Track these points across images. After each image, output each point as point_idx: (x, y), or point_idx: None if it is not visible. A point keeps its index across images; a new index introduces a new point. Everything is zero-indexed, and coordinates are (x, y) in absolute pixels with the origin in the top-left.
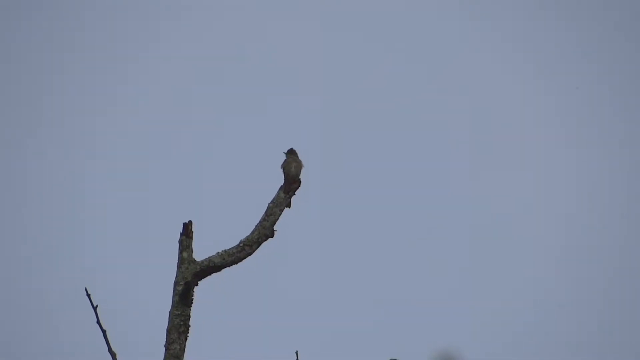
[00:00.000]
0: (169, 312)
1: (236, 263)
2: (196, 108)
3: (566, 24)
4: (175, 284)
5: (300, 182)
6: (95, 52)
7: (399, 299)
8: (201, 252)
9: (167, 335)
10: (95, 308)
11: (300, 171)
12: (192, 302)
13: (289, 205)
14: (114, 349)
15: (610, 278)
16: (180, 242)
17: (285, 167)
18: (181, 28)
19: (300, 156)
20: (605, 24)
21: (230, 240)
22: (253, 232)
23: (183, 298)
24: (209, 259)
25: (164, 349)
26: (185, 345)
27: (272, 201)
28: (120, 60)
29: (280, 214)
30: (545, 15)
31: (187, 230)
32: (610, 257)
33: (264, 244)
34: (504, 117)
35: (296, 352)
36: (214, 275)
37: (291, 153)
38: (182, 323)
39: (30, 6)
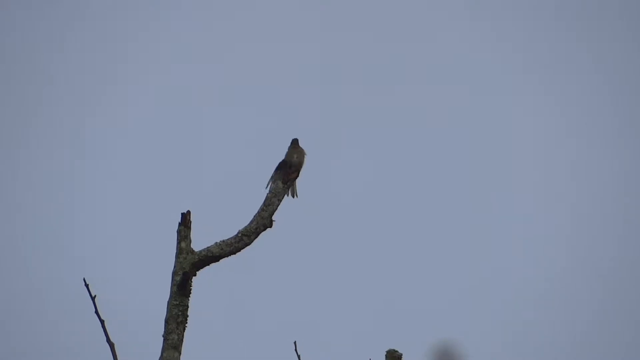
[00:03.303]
0: (167, 302)
1: (234, 253)
2: (193, 97)
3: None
4: (174, 274)
5: (299, 172)
6: (89, 45)
7: (399, 290)
8: (199, 242)
9: (165, 325)
10: (93, 298)
11: (303, 160)
12: (190, 293)
13: (295, 195)
14: (112, 339)
15: (610, 280)
16: (179, 232)
17: (288, 156)
18: (173, 24)
19: (302, 146)
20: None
21: (229, 231)
22: (251, 222)
23: (181, 288)
24: (207, 249)
25: (162, 339)
26: (183, 336)
27: (270, 191)
28: (115, 53)
29: (279, 204)
30: (544, 20)
31: (185, 221)
32: (610, 259)
33: (262, 234)
34: (503, 121)
35: (294, 342)
36: (212, 265)
37: (294, 143)
38: (180, 313)
39: (25, 5)
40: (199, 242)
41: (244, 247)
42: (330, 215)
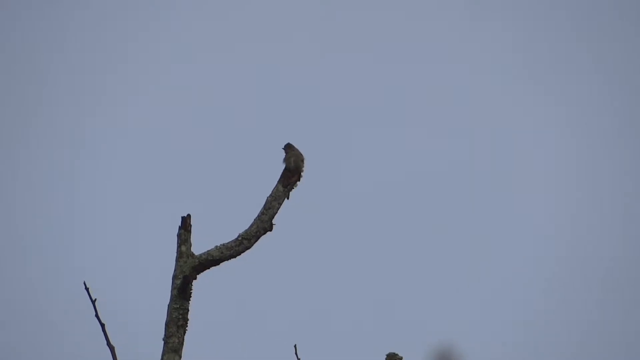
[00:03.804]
0: (168, 305)
1: (234, 257)
2: (193, 97)
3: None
4: (174, 277)
5: (300, 175)
6: (89, 45)
7: (400, 293)
8: (200, 245)
9: (165, 329)
10: (93, 302)
11: (301, 164)
12: (190, 296)
13: (287, 197)
14: (112, 342)
15: (610, 280)
16: (179, 235)
17: (286, 161)
18: (173, 24)
19: (300, 149)
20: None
21: (229, 234)
22: (251, 225)
23: (181, 292)
24: (208, 253)
25: (162, 342)
26: (183, 339)
27: (270, 195)
28: (115, 53)
29: (279, 208)
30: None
31: (185, 224)
32: (610, 258)
33: (263, 237)
34: (503, 121)
35: (294, 346)
36: (213, 268)
37: (289, 147)
38: (180, 317)
39: (25, 5)
40: (199, 245)
41: (244, 251)
42: (331, 218)
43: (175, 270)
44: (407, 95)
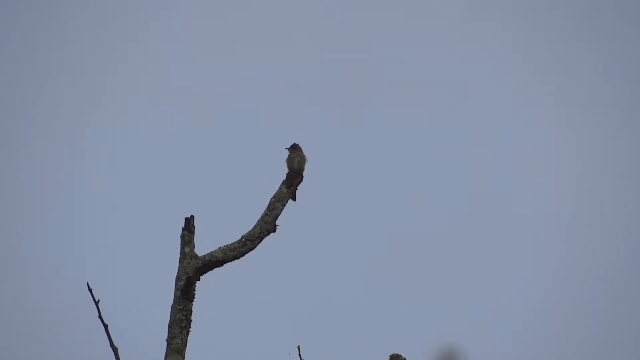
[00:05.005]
0: (171, 306)
1: (238, 258)
2: (194, 97)
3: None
4: (177, 279)
5: (303, 176)
6: (89, 45)
7: (402, 294)
8: (203, 247)
9: (168, 329)
10: (97, 303)
11: (304, 165)
12: (193, 297)
13: (294, 198)
14: (115, 343)
15: (611, 278)
16: (182, 237)
17: (289, 161)
18: (173, 24)
19: (305, 149)
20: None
21: (232, 235)
22: (255, 227)
23: (185, 293)
24: (211, 254)
25: (165, 343)
26: (186, 340)
27: (274, 196)
28: (115, 53)
29: (282, 209)
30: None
31: (189, 225)
32: (611, 258)
33: (266, 238)
34: (502, 123)
35: (298, 347)
36: (216, 270)
37: (294, 148)
38: (183, 318)
39: (25, 5)
40: (203, 246)
41: (247, 252)
42: (334, 219)
43: (178, 271)
44: (407, 95)
